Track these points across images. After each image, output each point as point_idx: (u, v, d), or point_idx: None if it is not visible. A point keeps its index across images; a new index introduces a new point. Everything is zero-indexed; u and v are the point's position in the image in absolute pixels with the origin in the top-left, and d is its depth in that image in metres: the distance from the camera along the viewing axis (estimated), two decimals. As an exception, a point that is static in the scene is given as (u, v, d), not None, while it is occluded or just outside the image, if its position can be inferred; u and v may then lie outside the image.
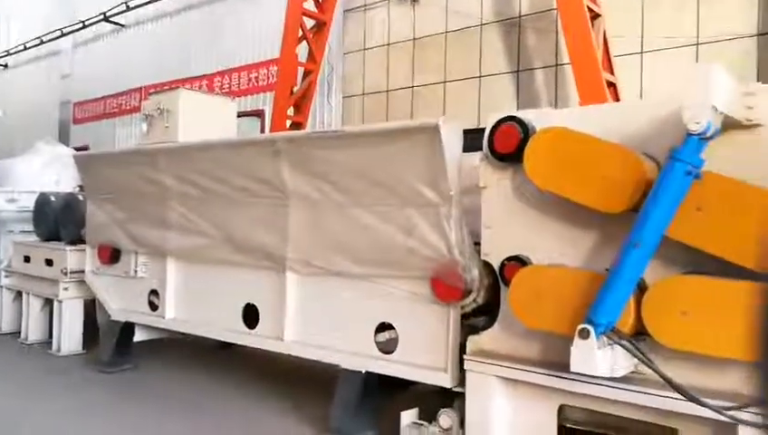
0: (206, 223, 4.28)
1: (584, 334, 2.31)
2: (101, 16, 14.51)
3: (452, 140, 3.11)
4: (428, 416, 3.30)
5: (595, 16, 6.45)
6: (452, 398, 3.24)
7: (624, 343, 2.33)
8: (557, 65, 8.07)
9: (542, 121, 2.89)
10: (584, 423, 2.94)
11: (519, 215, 2.98)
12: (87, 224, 5.31)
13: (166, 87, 13.22)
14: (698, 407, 2.29)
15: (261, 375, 4.79)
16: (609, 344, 2.36)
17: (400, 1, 9.89)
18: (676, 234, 2.32)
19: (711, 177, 2.25)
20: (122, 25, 14.69)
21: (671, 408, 2.43)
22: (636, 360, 2.52)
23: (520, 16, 8.52)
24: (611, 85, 6.31)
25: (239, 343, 4.27)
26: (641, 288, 2.45)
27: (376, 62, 10.27)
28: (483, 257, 3.12)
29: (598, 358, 2.31)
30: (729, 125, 2.36)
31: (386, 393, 3.64)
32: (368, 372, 3.48)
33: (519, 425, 2.98)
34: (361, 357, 3.52)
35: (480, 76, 8.95)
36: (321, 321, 3.76)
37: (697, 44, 7.02)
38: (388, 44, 10.09)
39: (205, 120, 5.25)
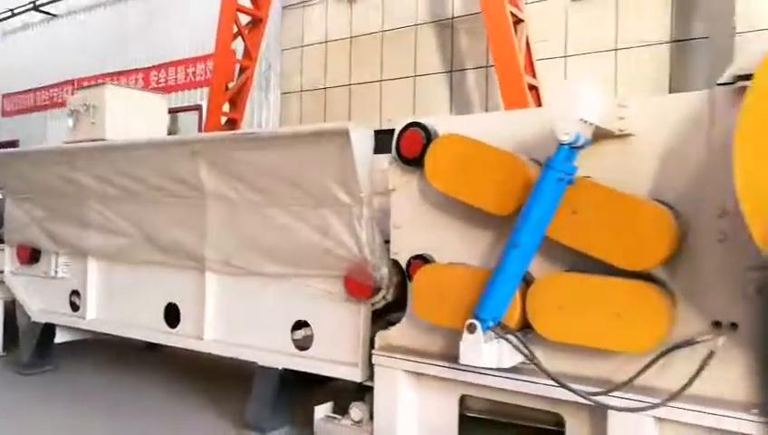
0: (126, 223, 4.27)
1: (471, 329, 2.48)
2: (31, 5, 13.97)
3: (362, 144, 3.22)
4: (343, 410, 3.43)
5: (518, 21, 6.69)
6: (365, 392, 3.37)
7: (508, 336, 2.50)
8: (488, 66, 8.31)
9: (445, 127, 3.05)
10: (483, 412, 3.13)
11: (424, 216, 3.13)
12: (5, 223, 5.19)
13: (100, 80, 12.92)
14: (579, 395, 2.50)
15: (184, 374, 4.80)
16: (496, 338, 2.53)
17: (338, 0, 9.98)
18: (555, 235, 2.51)
19: (584, 183, 2.44)
20: (53, 15, 14.18)
21: (555, 395, 2.62)
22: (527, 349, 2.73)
23: (453, 18, 8.73)
24: (533, 88, 6.58)
25: (161, 342, 4.29)
26: (529, 285, 2.64)
27: (314, 59, 10.31)
28: (392, 256, 3.26)
29: (484, 351, 2.48)
30: (603, 135, 2.58)
31: (304, 389, 3.75)
32: (284, 369, 3.58)
33: (424, 415, 3.14)
34: (278, 354, 3.61)
35: (415, 76, 9.13)
36: (240, 319, 3.83)
37: (616, 50, 7.38)
38: (326, 42, 10.15)
39: (133, 116, 5.20)
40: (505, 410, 3.03)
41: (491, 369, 2.63)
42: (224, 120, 8.99)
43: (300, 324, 3.65)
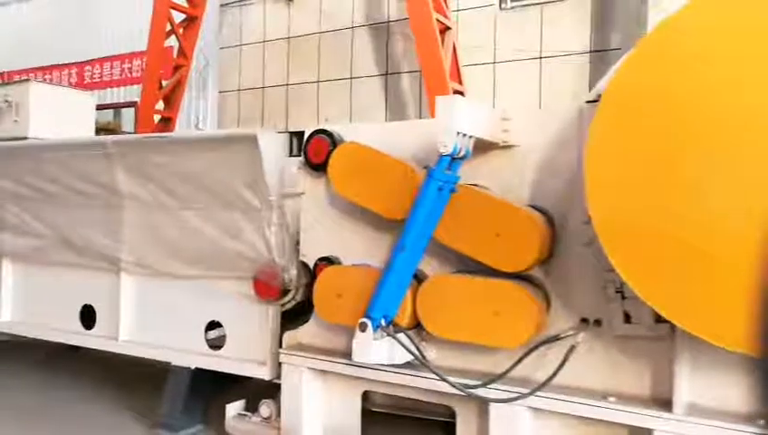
0: (41, 224, 4.24)
1: (363, 327, 2.63)
2: (-41, -5, 13.42)
3: (272, 149, 3.33)
4: (255, 407, 3.52)
5: (445, 29, 6.91)
6: (275, 389, 3.48)
7: (396, 335, 2.66)
8: (421, 71, 8.53)
9: (351, 135, 3.19)
10: (385, 406, 3.30)
11: (331, 219, 3.27)
12: None
13: (32, 74, 12.52)
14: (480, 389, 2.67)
15: (100, 376, 4.77)
16: (388, 336, 2.68)
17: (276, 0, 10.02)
18: (442, 238, 2.68)
19: (466, 190, 2.63)
20: (-17, 5, 13.66)
21: (445, 389, 2.79)
22: (420, 347, 2.90)
23: (389, 21, 8.92)
24: (460, 94, 6.80)
25: (77, 344, 4.27)
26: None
27: (252, 58, 10.33)
28: (301, 258, 3.38)
29: (374, 348, 2.63)
30: (490, 146, 2.78)
31: (219, 388, 3.82)
32: (197, 368, 3.65)
33: (329, 411, 3.27)
34: (191, 354, 3.68)
35: (351, 78, 9.27)
36: (154, 320, 3.88)
37: (540, 58, 7.71)
38: (264, 42, 10.18)
39: (59, 114, 5.15)
40: (405, 404, 3.21)
41: (386, 365, 2.79)
42: (158, 118, 8.91)
43: (214, 325, 3.73)
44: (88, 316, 4.16)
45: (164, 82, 8.97)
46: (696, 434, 2.27)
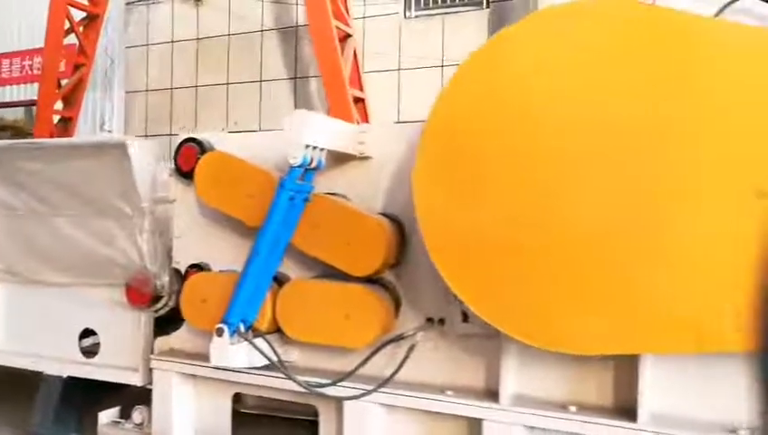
0: None
1: (219, 332, 2.71)
2: None
3: (143, 157, 3.35)
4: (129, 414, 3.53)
5: (345, 36, 7.05)
6: (149, 395, 3.50)
7: (253, 339, 2.76)
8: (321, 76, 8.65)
9: (221, 144, 3.27)
10: (256, 407, 3.40)
11: (201, 226, 3.32)
12: None
13: None
14: (331, 388, 2.80)
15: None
16: (245, 340, 2.78)
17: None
18: (299, 245, 2.81)
19: (319, 199, 2.76)
20: None
21: (304, 390, 2.92)
22: (283, 349, 3.02)
23: (297, 26, 8.98)
24: (360, 101, 6.97)
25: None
26: (283, 290, 2.92)
27: (160, 58, 10.13)
28: (174, 265, 3.42)
29: (231, 352, 2.72)
30: (347, 157, 2.93)
31: (97, 396, 3.79)
32: (69, 377, 3.62)
33: (200, 414, 3.33)
34: (64, 362, 3.64)
35: (261, 81, 9.27)
36: (26, 329, 3.81)
37: (442, 66, 7.99)
38: (172, 42, 10.01)
39: None
40: (274, 405, 3.31)
41: (252, 368, 2.89)
42: (57, 118, 8.59)
43: (88, 332, 3.70)
44: (-42, 326, 4.03)
45: (64, 82, 8.66)
46: (520, 422, 2.49)
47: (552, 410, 2.47)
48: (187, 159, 3.25)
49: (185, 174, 3.30)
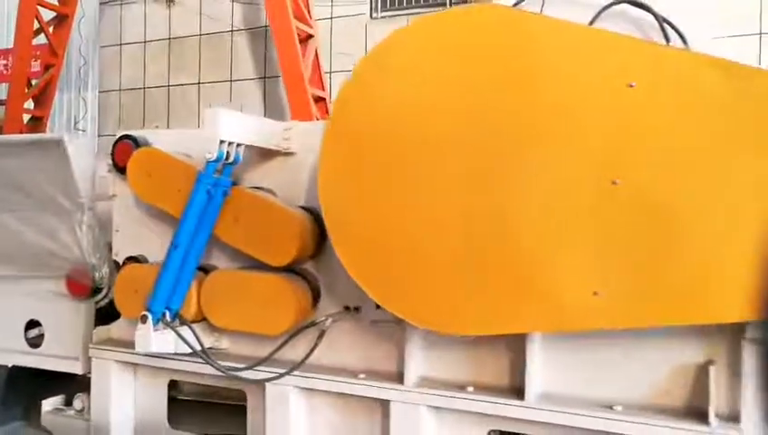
0: None
1: (144, 320, 2.85)
2: None
3: (81, 153, 3.48)
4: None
5: (307, 37, 7.19)
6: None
7: (178, 326, 2.89)
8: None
9: (155, 140, 3.40)
10: (192, 394, 3.53)
11: (139, 220, 3.45)
12: None
13: None
14: (255, 373, 2.93)
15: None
16: (168, 327, 2.91)
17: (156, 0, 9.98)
18: (222, 236, 2.95)
19: (238, 192, 2.90)
20: None
21: (236, 376, 3.05)
22: (214, 337, 3.16)
23: (266, 26, 9.08)
24: (321, 100, 7.11)
25: None
26: (210, 281, 3.06)
27: (133, 58, 10.22)
28: (114, 258, 3.55)
29: (155, 339, 2.85)
30: (272, 153, 3.07)
31: (44, 385, 3.91)
32: (14, 366, 3.74)
33: (138, 401, 3.46)
34: (9, 353, 3.76)
35: (231, 80, 9.39)
36: (-27, 321, 3.92)
37: (406, 66, 8.12)
38: (145, 42, 10.11)
39: None
40: (209, 391, 3.45)
41: (185, 355, 3.02)
42: (27, 118, 8.67)
43: (34, 323, 3.82)
44: None
45: (34, 81, 8.74)
46: (423, 402, 2.64)
47: (451, 390, 2.62)
48: (123, 155, 3.37)
49: (121, 170, 3.43)
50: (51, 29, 8.61)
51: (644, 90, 1.98)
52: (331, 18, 8.52)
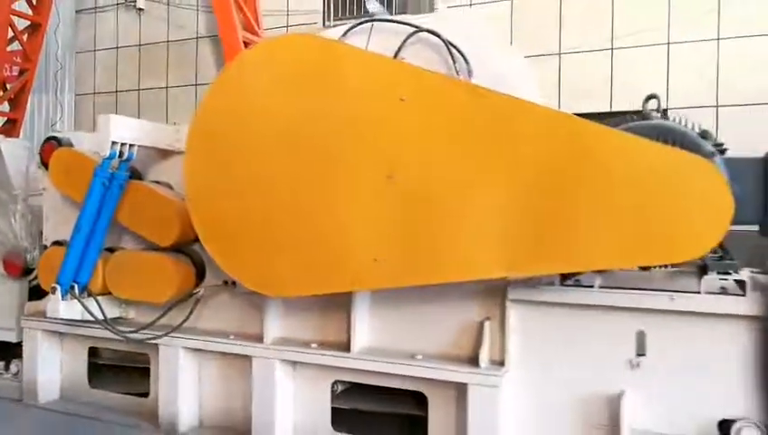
0: None
1: (53, 291, 3.43)
2: None
3: (15, 153, 4.08)
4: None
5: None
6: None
7: (84, 297, 3.46)
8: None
9: (78, 141, 3.97)
10: (113, 359, 4.09)
11: (64, 210, 3.99)
12: None
13: None
14: (147, 336, 3.50)
15: None
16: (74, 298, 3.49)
17: (127, 8, 10.55)
18: (123, 222, 3.53)
19: (136, 185, 3.48)
20: None
21: (140, 339, 3.63)
22: (121, 308, 3.74)
23: (228, 34, 9.68)
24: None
25: None
26: (116, 259, 3.64)
27: (106, 63, 10.81)
28: (44, 242, 4.12)
29: (62, 307, 3.43)
30: (168, 152, 3.65)
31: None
32: (-39, 337, 4.33)
33: (62, 365, 4.04)
34: (-44, 325, 4.35)
35: (196, 84, 9.96)
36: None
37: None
38: (117, 48, 10.69)
39: None
40: (127, 357, 4.00)
41: (95, 324, 3.59)
42: (3, 121, 9.23)
43: (-21, 300, 4.40)
44: None
45: (9, 85, 9.30)
46: (277, 357, 3.21)
47: (299, 347, 3.19)
48: (49, 154, 3.95)
49: (48, 166, 4.00)
50: (25, 37, 9.16)
51: (411, 103, 2.55)
52: (287, 27, 9.10)
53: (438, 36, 2.91)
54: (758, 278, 2.48)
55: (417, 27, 2.97)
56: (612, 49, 7.44)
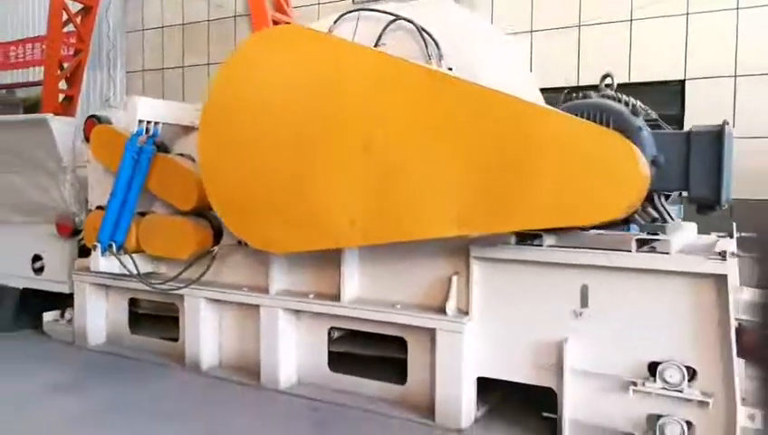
0: None
1: (95, 248, 4.02)
2: None
3: (62, 129, 4.66)
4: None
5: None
6: (78, 302, 4.86)
7: (118, 254, 4.04)
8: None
9: (116, 119, 4.53)
10: (147, 309, 4.71)
11: (105, 179, 4.59)
12: None
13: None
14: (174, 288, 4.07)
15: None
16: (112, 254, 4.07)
17: (171, -11, 11.16)
18: (153, 190, 4.07)
19: (162, 158, 4.00)
20: None
21: (170, 292, 4.20)
22: (154, 264, 4.31)
23: (265, 12, 10.14)
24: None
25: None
26: (148, 222, 4.20)
27: (153, 42, 11.48)
28: (90, 207, 4.73)
29: (102, 262, 4.02)
30: (191, 128, 4.15)
31: (49, 302, 5.17)
32: (24, 288, 5.02)
33: (107, 313, 4.68)
34: (20, 278, 5.05)
35: (235, 61, 10.50)
36: (-4, 256, 5.24)
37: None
38: (163, 27, 11.33)
39: None
40: (163, 307, 4.60)
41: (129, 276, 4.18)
42: (61, 97, 10.05)
43: (38, 257, 5.08)
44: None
45: (66, 65, 10.09)
46: (280, 306, 3.71)
47: (298, 297, 3.68)
48: (90, 130, 4.52)
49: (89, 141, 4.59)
50: (78, 19, 9.91)
51: (383, 85, 2.93)
52: (318, 5, 9.47)
53: (413, 23, 3.27)
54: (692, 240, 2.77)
55: (396, 16, 3.33)
56: (631, 20, 7.51)
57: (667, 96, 7.44)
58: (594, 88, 3.30)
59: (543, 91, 4.39)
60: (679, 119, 7.28)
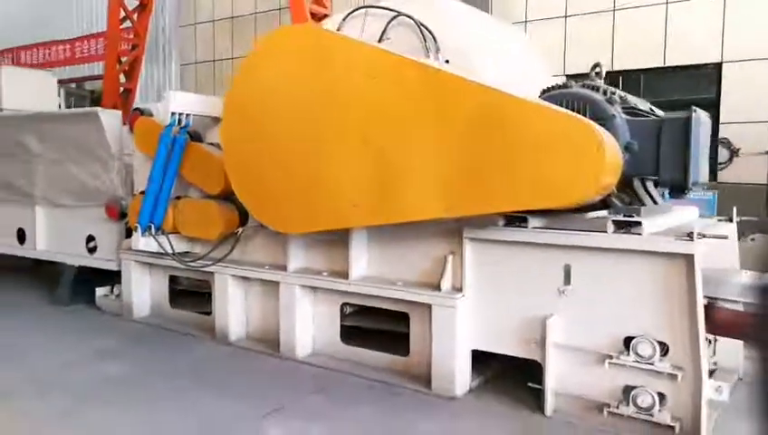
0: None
1: (135, 229, 4.47)
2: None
3: (111, 121, 5.14)
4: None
5: (323, 17, 8.48)
6: (126, 278, 5.37)
7: (157, 236, 4.47)
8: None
9: (155, 110, 4.96)
10: (185, 286, 5.16)
11: (147, 166, 5.05)
12: None
13: (28, 51, 14.43)
14: (198, 263, 4.48)
15: (28, 275, 6.73)
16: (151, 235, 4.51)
17: (221, -16, 11.67)
18: (186, 176, 4.48)
19: (192, 146, 4.40)
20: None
21: (205, 270, 4.62)
22: (189, 244, 4.74)
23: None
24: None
25: (11, 253, 6.24)
26: (183, 206, 4.62)
27: (205, 35, 12.06)
28: (135, 192, 5.21)
29: (142, 241, 4.46)
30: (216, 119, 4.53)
31: (102, 278, 5.71)
32: (80, 266, 5.58)
33: (150, 289, 5.15)
34: (76, 256, 5.60)
35: (280, 52, 10.92)
36: (55, 235, 5.81)
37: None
38: (213, 21, 11.87)
39: (25, 91, 7.14)
40: (198, 284, 5.04)
41: (170, 256, 4.62)
42: (121, 89, 10.71)
43: (91, 238, 5.62)
44: (21, 235, 6.12)
45: (123, 59, 10.74)
46: (297, 283, 4.04)
47: (313, 274, 4.00)
48: (134, 122, 4.99)
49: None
50: (134, 16, 10.51)
51: (378, 80, 3.18)
52: (359, -5, 9.74)
53: (412, 19, 3.49)
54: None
55: (397, 12, 3.57)
56: (667, 3, 7.41)
57: (703, 80, 7.34)
58: (620, 74, 3.42)
59: (577, 76, 4.50)
60: (715, 102, 7.18)
